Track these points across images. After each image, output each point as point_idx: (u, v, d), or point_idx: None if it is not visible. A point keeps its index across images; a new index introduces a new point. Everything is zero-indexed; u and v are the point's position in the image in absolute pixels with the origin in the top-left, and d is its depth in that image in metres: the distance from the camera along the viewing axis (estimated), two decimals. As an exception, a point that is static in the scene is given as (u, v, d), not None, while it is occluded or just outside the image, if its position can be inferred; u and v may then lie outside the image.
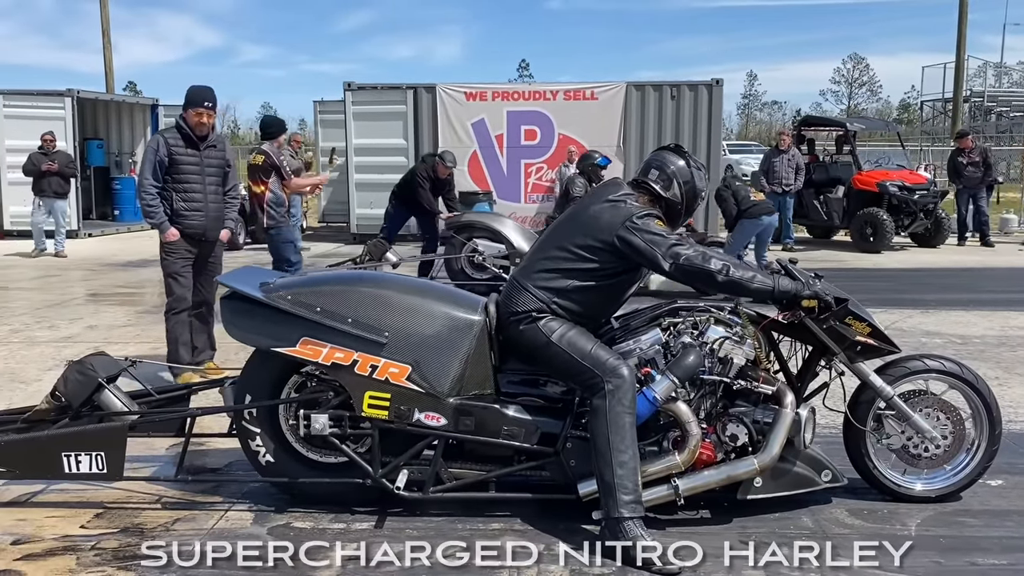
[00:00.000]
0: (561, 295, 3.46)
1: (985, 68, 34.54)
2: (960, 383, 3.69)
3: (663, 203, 3.53)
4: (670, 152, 3.64)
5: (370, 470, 3.50)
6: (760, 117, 75.81)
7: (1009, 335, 7.17)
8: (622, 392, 3.28)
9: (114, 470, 3.60)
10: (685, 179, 3.54)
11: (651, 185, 3.55)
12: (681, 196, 3.54)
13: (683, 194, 3.54)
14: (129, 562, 3.18)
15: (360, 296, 3.55)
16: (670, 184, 3.54)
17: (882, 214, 13.09)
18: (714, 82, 14.25)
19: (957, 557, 3.24)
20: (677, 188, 3.53)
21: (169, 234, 5.51)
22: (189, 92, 5.60)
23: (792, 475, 3.57)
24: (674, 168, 3.55)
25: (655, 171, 3.57)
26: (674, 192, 3.53)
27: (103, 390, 3.77)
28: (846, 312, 3.53)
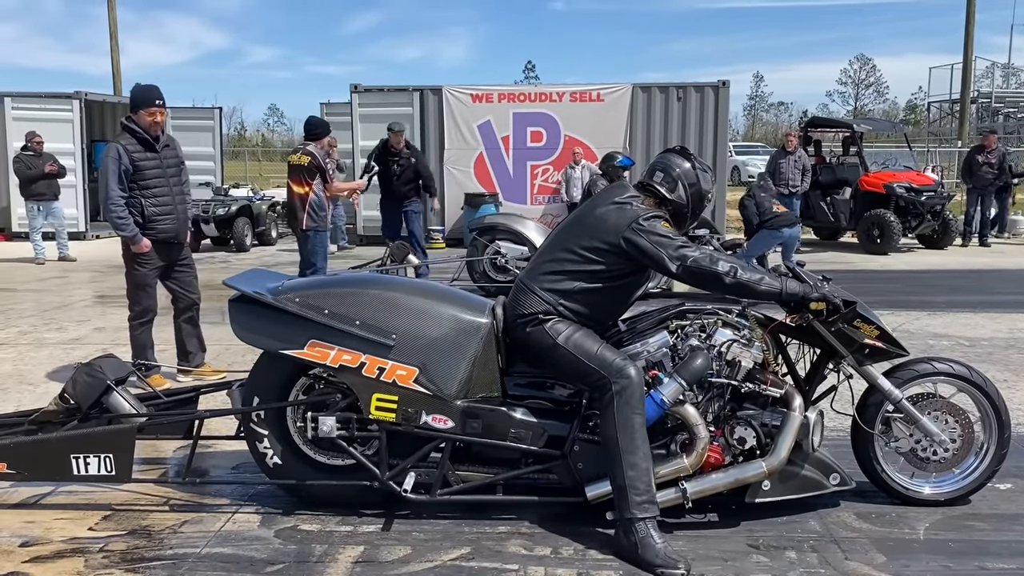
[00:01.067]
0: (567, 297, 3.46)
1: (992, 69, 34.48)
2: (969, 386, 3.68)
3: (669, 205, 3.53)
4: (675, 155, 3.63)
5: (377, 472, 3.50)
6: (766, 118, 75.70)
7: (1018, 337, 7.14)
8: (630, 393, 3.28)
9: (122, 472, 3.61)
10: (691, 181, 3.54)
11: (656, 188, 3.55)
12: (687, 198, 3.54)
13: (689, 196, 3.54)
14: (137, 564, 3.19)
15: (368, 299, 3.55)
16: (675, 186, 3.53)
17: (889, 215, 13.05)
18: (720, 83, 14.24)
19: (966, 561, 3.22)
20: (682, 190, 3.53)
21: (143, 245, 5.34)
22: (137, 93, 5.45)
23: (800, 478, 3.56)
24: (679, 171, 3.55)
25: (660, 173, 3.57)
26: (679, 194, 3.53)
27: (112, 392, 3.79)
28: (854, 315, 3.52)
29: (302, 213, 6.93)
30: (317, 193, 6.97)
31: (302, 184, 6.89)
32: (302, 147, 7.24)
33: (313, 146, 7.08)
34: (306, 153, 6.99)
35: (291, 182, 7.01)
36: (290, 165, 7.12)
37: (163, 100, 5.42)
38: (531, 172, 14.42)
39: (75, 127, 15.02)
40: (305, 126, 7.40)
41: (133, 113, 5.38)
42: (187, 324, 5.74)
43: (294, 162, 7.05)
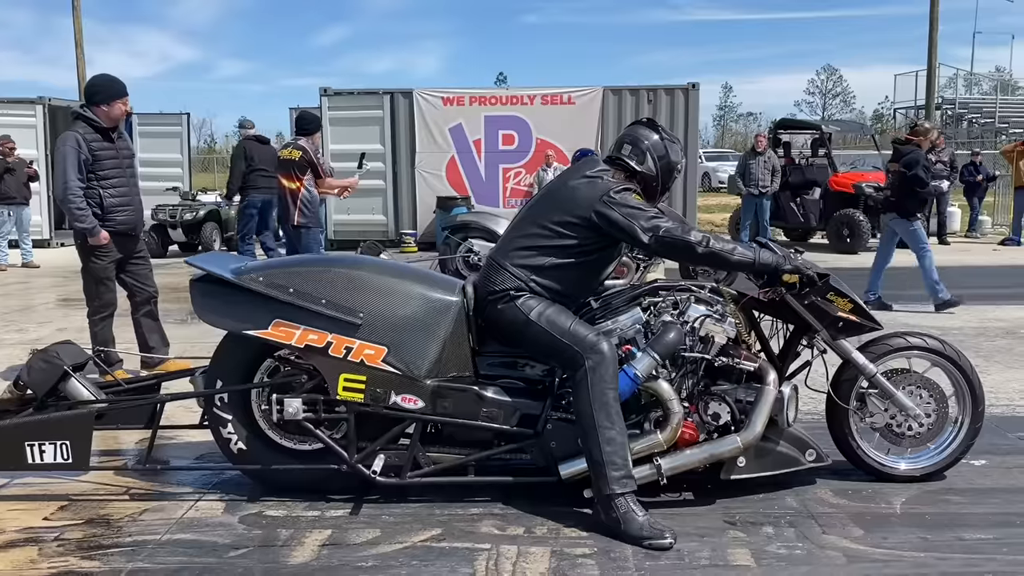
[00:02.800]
0: (539, 273, 3.39)
1: (956, 79, 35.05)
2: (943, 360, 3.66)
3: (638, 178, 3.48)
4: (643, 127, 3.59)
5: (345, 455, 3.40)
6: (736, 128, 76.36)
7: (987, 327, 7.19)
8: (603, 368, 3.22)
9: (80, 460, 3.48)
10: (659, 153, 3.50)
11: (625, 160, 3.50)
12: (656, 170, 3.49)
13: (658, 168, 3.49)
14: (93, 551, 3.06)
15: (334, 277, 3.46)
16: (644, 158, 3.49)
17: (858, 215, 13.16)
18: (690, 86, 14.31)
19: (944, 532, 3.19)
20: (651, 162, 3.48)
21: (101, 237, 5.17)
22: (107, 85, 5.24)
23: (776, 455, 3.51)
24: (648, 143, 3.51)
25: (628, 146, 3.53)
26: (648, 166, 3.48)
27: (69, 379, 3.65)
28: (828, 287, 3.49)
29: (293, 209, 6.82)
30: (308, 189, 6.87)
31: (292, 179, 6.77)
32: (292, 142, 7.09)
33: (305, 141, 6.95)
34: (297, 148, 6.87)
35: (281, 177, 6.89)
36: (280, 160, 6.99)
37: (127, 91, 5.31)
38: (503, 175, 14.38)
39: (39, 133, 14.78)
40: (297, 121, 7.21)
41: (98, 104, 5.21)
42: (147, 318, 5.58)
43: (285, 157, 6.92)
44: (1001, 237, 14.88)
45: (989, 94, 34.16)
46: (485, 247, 8.96)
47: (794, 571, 2.89)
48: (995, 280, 10.35)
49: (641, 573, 2.87)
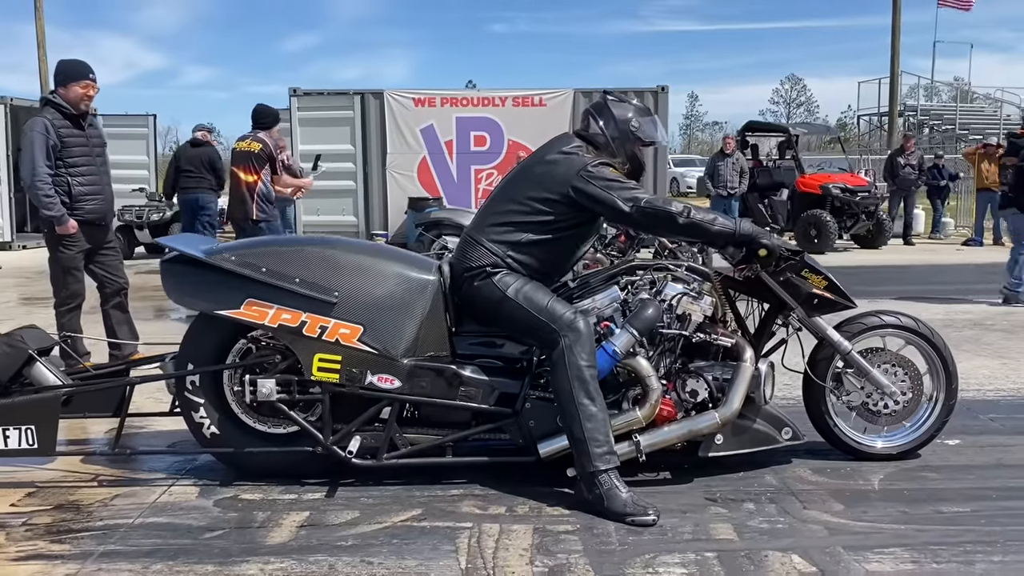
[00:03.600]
0: (516, 249, 3.36)
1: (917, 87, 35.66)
2: (917, 338, 3.69)
3: (611, 151, 3.46)
4: (610, 100, 3.57)
5: (320, 437, 3.35)
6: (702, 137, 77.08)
7: (954, 319, 7.28)
8: (580, 345, 3.19)
9: (46, 445, 3.39)
10: (631, 126, 3.48)
11: (589, 133, 3.48)
12: (613, 134, 3.45)
13: (616, 131, 3.46)
14: (63, 535, 2.98)
15: (308, 256, 3.41)
16: (597, 123, 3.47)
17: (825, 215, 13.29)
18: (659, 88, 14.37)
19: (922, 506, 3.20)
20: (609, 127, 3.46)
21: (69, 226, 5.03)
22: (68, 66, 5.10)
23: (753, 432, 3.51)
24: (609, 111, 3.49)
25: (591, 118, 3.51)
26: (600, 127, 3.46)
27: (34, 363, 3.56)
28: (803, 264, 3.50)
29: (250, 203, 6.66)
30: (266, 183, 6.75)
31: (250, 172, 6.62)
32: (252, 135, 6.91)
33: (264, 134, 6.82)
34: (257, 140, 6.73)
35: (238, 170, 6.69)
36: (238, 152, 6.77)
37: (95, 75, 5.17)
38: (475, 176, 14.34)
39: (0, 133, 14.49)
40: (253, 114, 6.94)
41: (63, 87, 5.10)
42: (116, 310, 5.45)
43: (243, 148, 6.72)
44: (964, 238, 15.11)
45: (949, 103, 34.83)
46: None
47: (777, 543, 2.88)
48: (960, 277, 10.50)
49: (624, 548, 2.85)
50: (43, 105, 5.19)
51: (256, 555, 2.81)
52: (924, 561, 2.75)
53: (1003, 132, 28.95)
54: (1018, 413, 4.48)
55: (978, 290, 8.94)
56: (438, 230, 9.26)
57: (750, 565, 2.73)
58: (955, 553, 2.80)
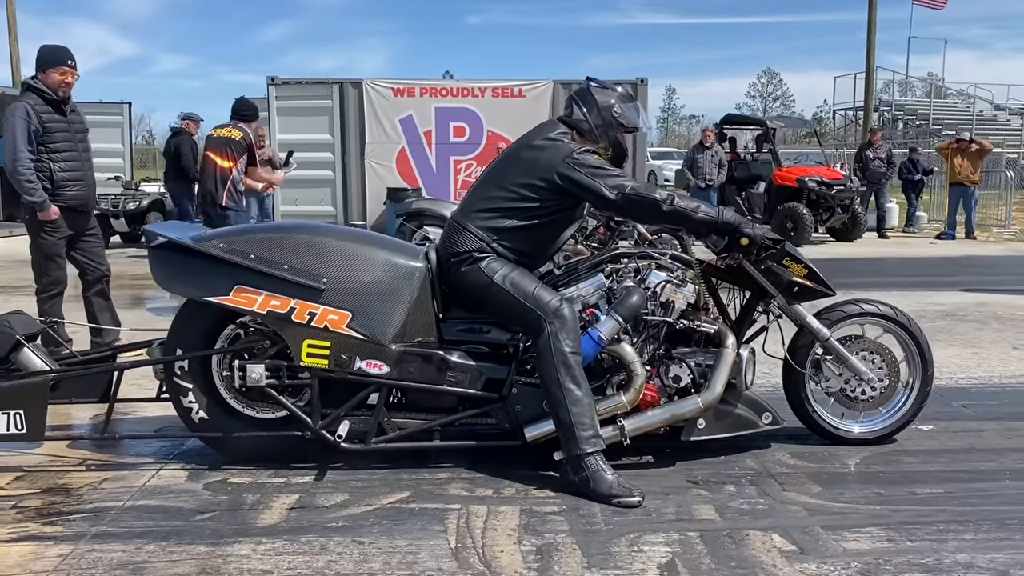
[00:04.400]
0: (502, 234, 3.41)
1: (892, 82, 36.11)
2: (894, 326, 3.78)
3: (594, 137, 3.51)
4: (590, 84, 3.62)
5: (309, 422, 3.38)
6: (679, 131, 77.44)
7: (927, 310, 7.42)
8: (565, 331, 3.25)
9: (35, 429, 3.41)
10: (605, 104, 3.52)
11: (572, 119, 3.53)
12: (596, 119, 3.50)
13: (603, 119, 3.50)
14: (55, 518, 3.00)
15: (297, 243, 3.44)
16: (591, 112, 3.52)
17: (802, 208, 13.44)
18: (639, 81, 14.40)
19: (897, 488, 3.30)
20: (597, 115, 3.51)
21: (51, 212, 5.03)
22: (47, 51, 5.10)
23: (734, 417, 3.59)
24: (592, 98, 3.54)
25: (575, 104, 3.56)
26: (584, 113, 3.51)
27: (21, 348, 3.56)
28: (783, 253, 3.58)
29: (222, 189, 6.64)
30: (240, 171, 6.74)
31: (227, 158, 6.60)
32: (232, 123, 6.89)
33: (244, 125, 6.81)
34: (238, 128, 6.72)
35: (213, 155, 6.65)
36: (215, 137, 6.73)
37: (75, 61, 5.15)
38: (454, 167, 14.34)
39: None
40: (235, 106, 6.92)
41: (42, 72, 5.08)
42: (98, 297, 5.45)
43: (222, 134, 6.69)
44: (937, 232, 15.35)
45: (923, 99, 35.24)
46: (440, 234, 8.95)
47: (758, 523, 2.96)
48: (932, 270, 10.68)
49: (610, 528, 2.91)
50: (24, 90, 5.16)
51: (248, 536, 2.85)
52: (899, 539, 2.84)
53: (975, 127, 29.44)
54: (989, 400, 4.61)
55: (950, 282, 9.12)
56: (419, 220, 9.27)
57: (732, 544, 2.80)
58: (928, 532, 2.90)
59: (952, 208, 14.86)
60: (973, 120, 31.20)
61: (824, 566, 2.65)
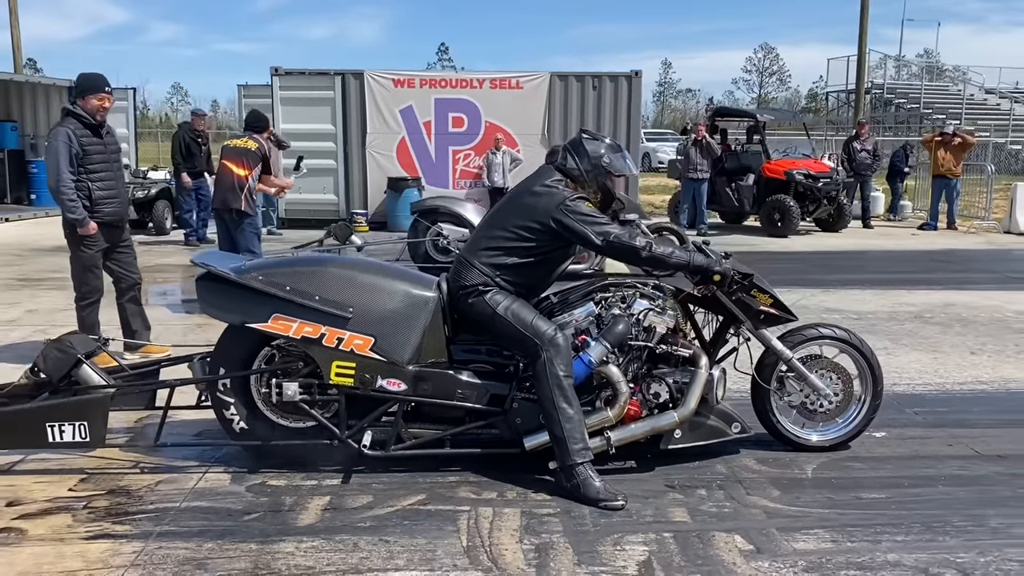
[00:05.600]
0: (504, 270, 3.90)
1: (885, 61, 36.39)
2: (848, 347, 4.29)
3: (583, 183, 3.97)
4: (585, 138, 4.06)
5: (337, 432, 3.89)
6: (675, 105, 77.59)
7: (897, 311, 7.94)
8: (560, 358, 3.75)
9: (96, 438, 3.89)
10: (595, 154, 3.96)
11: (566, 167, 3.99)
12: (585, 168, 3.95)
13: (589, 166, 3.95)
14: (122, 517, 3.51)
15: (326, 276, 3.93)
16: (572, 159, 3.97)
17: (789, 201, 13.94)
18: (633, 73, 14.84)
19: (845, 493, 3.82)
20: (583, 162, 3.96)
21: (90, 227, 5.52)
22: (86, 79, 5.60)
23: (707, 427, 4.10)
24: (584, 149, 3.98)
25: (569, 155, 4.01)
26: (574, 164, 3.96)
27: (81, 365, 4.05)
28: (752, 285, 4.07)
29: (239, 195, 7.14)
30: (254, 179, 7.23)
31: (244, 167, 7.11)
32: (248, 135, 7.42)
33: (258, 136, 7.32)
34: (253, 139, 7.23)
35: (231, 163, 7.18)
36: (232, 148, 7.29)
37: (111, 87, 5.62)
38: (453, 157, 14.77)
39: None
40: (247, 118, 7.54)
41: (81, 98, 5.54)
42: (130, 304, 5.95)
43: (239, 145, 7.25)
44: (920, 221, 15.85)
45: (915, 83, 35.53)
46: (454, 231, 9.44)
47: (723, 525, 3.48)
48: (910, 265, 11.20)
49: (597, 528, 3.43)
50: (64, 116, 5.61)
51: (290, 535, 3.36)
52: (840, 540, 3.36)
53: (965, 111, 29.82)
54: (940, 407, 5.13)
55: (924, 280, 9.65)
56: (433, 217, 9.75)
57: (700, 544, 3.32)
58: (867, 533, 3.42)
59: (935, 199, 15.37)
60: (963, 104, 31.62)
61: (775, 564, 3.18)
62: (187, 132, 12.77)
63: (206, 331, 6.81)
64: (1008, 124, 30.06)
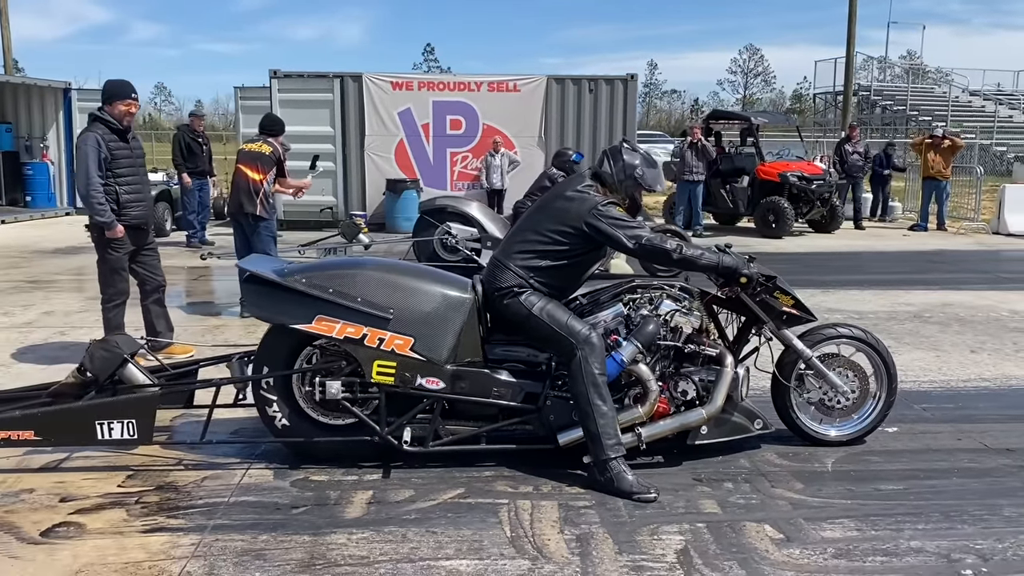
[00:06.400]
0: (538, 272, 4.05)
1: (870, 63, 36.83)
2: (865, 346, 4.47)
3: (614, 188, 4.12)
4: (621, 144, 4.24)
5: (378, 429, 4.03)
6: (660, 106, 77.98)
7: (897, 311, 8.15)
8: (594, 356, 3.91)
9: (144, 435, 4.02)
10: (631, 164, 4.12)
11: (601, 170, 4.15)
12: (620, 178, 4.11)
13: (624, 176, 4.10)
14: (175, 511, 3.64)
15: (367, 279, 4.07)
16: (611, 166, 4.12)
17: (783, 202, 14.17)
18: (628, 77, 15.06)
19: (865, 485, 4.00)
20: (618, 171, 4.11)
21: (117, 230, 5.64)
22: (113, 86, 5.72)
23: (731, 424, 4.27)
24: (622, 157, 4.14)
25: (607, 159, 4.17)
26: (608, 171, 4.12)
27: (127, 365, 4.18)
28: (775, 287, 4.25)
29: (255, 199, 7.25)
30: (270, 183, 7.34)
31: (258, 171, 7.22)
32: (262, 139, 7.52)
33: (272, 140, 7.43)
34: (267, 143, 7.34)
35: (246, 168, 7.28)
36: (247, 152, 7.39)
37: (137, 94, 5.74)
38: (451, 159, 14.92)
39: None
40: (263, 122, 7.58)
41: (108, 104, 5.65)
42: (155, 305, 6.06)
43: (254, 150, 7.35)
44: (911, 223, 16.13)
45: (901, 84, 35.93)
46: (462, 230, 9.58)
47: (752, 516, 3.65)
48: (904, 265, 11.44)
49: (633, 519, 3.59)
50: (92, 121, 5.71)
51: (340, 527, 3.50)
52: (865, 529, 3.54)
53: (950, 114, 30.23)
54: (946, 403, 5.33)
55: (920, 280, 9.88)
56: (441, 216, 9.90)
57: (732, 533, 3.49)
58: (889, 523, 3.60)
59: (925, 201, 15.63)
60: (949, 106, 32.04)
61: (806, 551, 3.35)
62: (186, 133, 12.85)
63: (224, 331, 6.95)
64: (993, 126, 30.50)
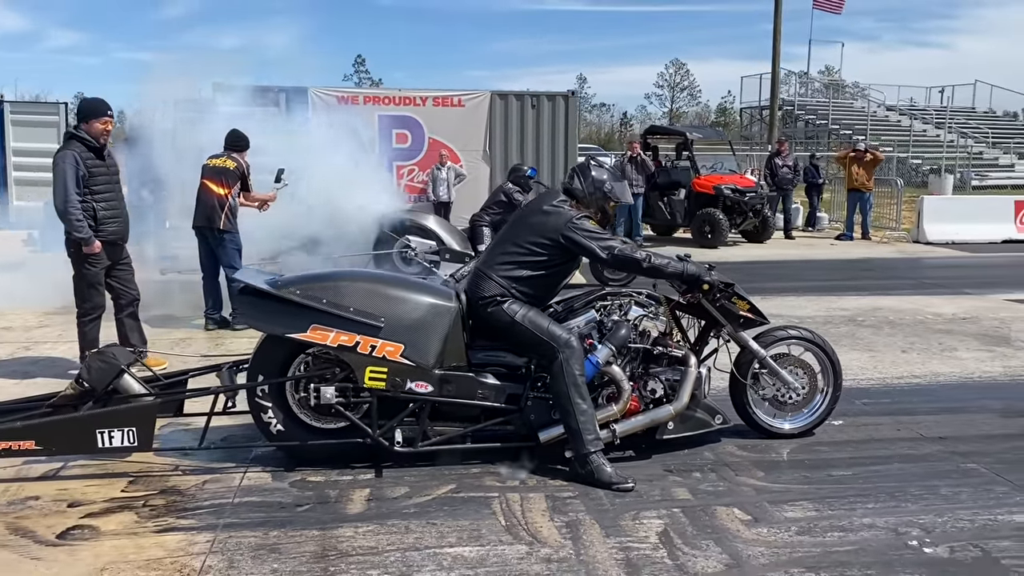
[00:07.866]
0: (518, 282, 4.36)
1: (790, 77, 38.22)
2: (813, 346, 4.90)
3: (586, 203, 4.47)
4: (590, 161, 4.61)
5: (369, 431, 4.27)
6: (589, 119, 79.15)
7: (832, 315, 8.69)
8: (574, 359, 4.23)
9: (144, 443, 4.18)
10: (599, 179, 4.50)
11: (572, 187, 4.50)
12: (589, 192, 4.47)
13: (592, 191, 4.47)
14: (183, 512, 3.82)
15: (358, 289, 4.31)
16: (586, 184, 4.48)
17: (718, 214, 14.78)
18: (570, 93, 15.47)
19: (818, 471, 4.41)
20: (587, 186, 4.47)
21: (95, 246, 5.74)
22: (89, 104, 5.85)
23: (695, 419, 4.64)
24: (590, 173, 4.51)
25: (577, 176, 4.53)
26: (578, 187, 4.48)
27: (123, 375, 4.33)
28: (733, 293, 4.64)
29: (220, 214, 7.40)
30: (235, 197, 7.50)
31: (223, 185, 7.37)
32: (226, 154, 7.67)
33: (236, 155, 7.58)
34: (231, 159, 7.49)
35: (210, 183, 7.44)
36: (211, 167, 7.53)
37: (112, 111, 5.85)
38: (397, 172, 15.10)
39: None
40: (228, 138, 7.73)
41: (84, 123, 5.76)
42: (129, 319, 6.16)
43: (218, 165, 7.50)
44: (837, 232, 16.94)
45: (822, 100, 37.33)
46: (422, 243, 9.81)
47: (721, 501, 4.01)
48: (836, 273, 12.09)
49: (615, 507, 3.92)
50: (68, 139, 5.81)
51: (345, 522, 3.74)
52: (822, 509, 3.93)
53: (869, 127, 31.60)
54: (883, 398, 5.81)
55: (851, 286, 10.49)
56: (400, 230, 10.14)
57: (705, 516, 3.84)
58: (842, 503, 4.00)
59: (850, 211, 16.45)
60: (868, 120, 33.48)
61: (772, 529, 3.72)
62: None
63: (191, 344, 7.07)
64: (908, 140, 31.98)
